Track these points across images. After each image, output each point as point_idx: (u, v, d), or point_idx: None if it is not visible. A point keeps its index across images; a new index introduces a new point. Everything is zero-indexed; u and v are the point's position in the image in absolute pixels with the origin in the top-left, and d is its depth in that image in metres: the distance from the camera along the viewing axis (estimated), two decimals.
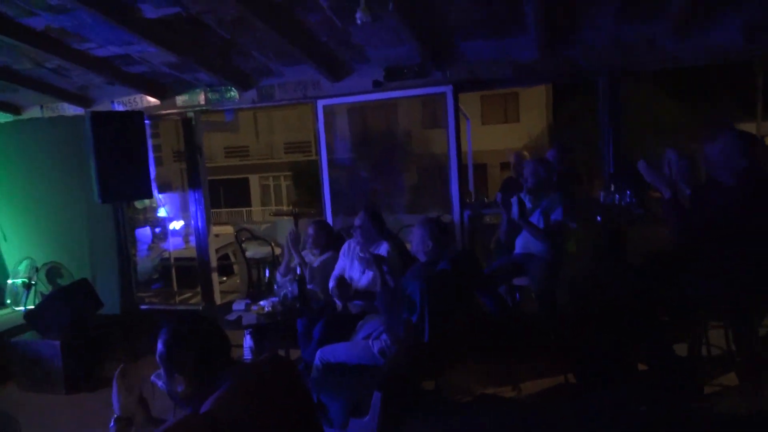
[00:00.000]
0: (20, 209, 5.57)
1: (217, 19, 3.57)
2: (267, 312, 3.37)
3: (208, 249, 5.27)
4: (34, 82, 4.77)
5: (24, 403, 3.99)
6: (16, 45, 3.86)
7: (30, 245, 5.53)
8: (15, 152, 5.52)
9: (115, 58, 4.25)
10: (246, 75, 4.72)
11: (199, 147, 5.24)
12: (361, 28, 3.60)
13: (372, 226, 3.57)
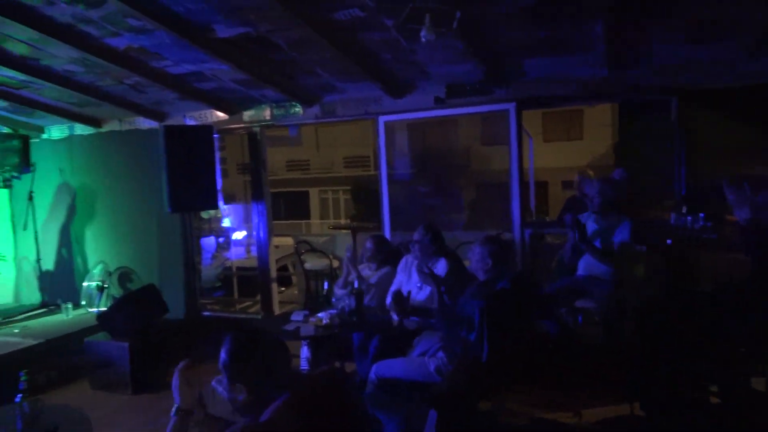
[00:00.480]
0: (98, 216, 5.93)
1: (284, 38, 3.68)
2: (325, 324, 3.40)
3: (269, 259, 5.39)
4: (114, 98, 5.05)
5: (94, 402, 4.15)
6: (101, 63, 4.11)
7: (104, 250, 5.86)
8: (95, 162, 5.90)
9: (189, 75, 4.43)
10: (310, 91, 4.84)
11: (263, 160, 5.39)
12: (424, 46, 3.64)
13: (431, 242, 3.55)
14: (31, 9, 3.30)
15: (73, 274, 6.07)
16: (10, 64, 4.16)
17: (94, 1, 3.20)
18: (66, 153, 6.06)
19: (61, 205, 6.12)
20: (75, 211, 6.05)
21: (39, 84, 4.65)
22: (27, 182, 5.89)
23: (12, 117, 5.75)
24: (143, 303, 4.69)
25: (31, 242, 5.90)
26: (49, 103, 5.28)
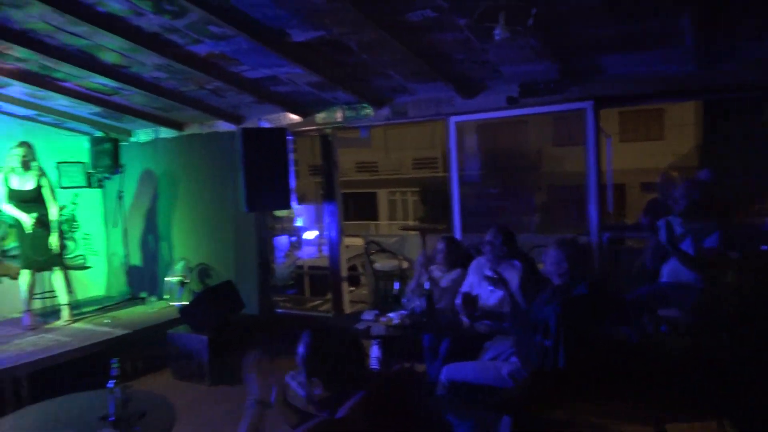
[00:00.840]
0: (179, 215, 6.22)
1: (356, 41, 3.72)
2: (395, 324, 3.41)
3: (340, 259, 5.47)
4: (195, 102, 5.28)
5: (175, 391, 4.35)
6: (184, 70, 4.32)
7: (185, 247, 6.14)
8: (177, 164, 6.20)
9: (265, 79, 4.57)
10: (381, 93, 4.87)
11: (335, 162, 5.48)
12: (497, 45, 3.57)
13: (503, 243, 3.49)
14: (123, 20, 3.51)
15: (157, 269, 6.41)
16: (103, 72, 4.43)
17: (179, 11, 3.36)
18: (151, 155, 6.41)
19: (146, 204, 6.48)
20: (159, 209, 6.40)
21: (128, 90, 4.94)
22: (117, 182, 6.28)
23: (104, 122, 6.14)
24: (221, 299, 4.89)
25: (120, 239, 6.29)
26: (137, 108, 5.60)
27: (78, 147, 6.39)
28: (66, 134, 6.34)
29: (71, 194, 6.40)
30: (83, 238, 6.59)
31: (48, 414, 2.77)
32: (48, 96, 5.16)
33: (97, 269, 6.72)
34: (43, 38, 3.85)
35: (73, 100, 5.20)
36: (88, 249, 6.61)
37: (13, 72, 4.52)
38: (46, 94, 5.06)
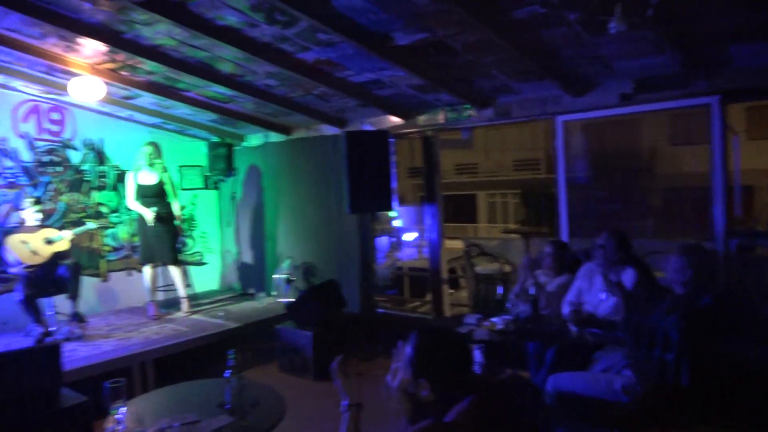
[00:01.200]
0: (287, 215, 6.49)
1: (461, 41, 3.69)
2: (499, 329, 3.34)
3: (440, 261, 5.44)
4: (302, 107, 5.49)
5: (282, 383, 4.46)
6: (293, 77, 4.51)
7: (292, 247, 6.40)
8: (285, 166, 6.47)
9: (369, 83, 4.66)
10: (484, 93, 4.79)
11: (436, 163, 5.47)
12: (610, 40, 3.40)
13: (615, 248, 3.28)
14: (238, 32, 3.73)
15: (265, 266, 6.73)
16: (220, 81, 4.73)
17: (290, 21, 3.52)
18: (261, 158, 6.76)
19: (256, 205, 6.84)
20: (267, 210, 6.72)
21: (242, 98, 5.24)
22: (230, 184, 6.70)
23: (220, 127, 6.57)
24: (325, 297, 5.05)
25: (233, 237, 6.70)
26: (250, 114, 5.93)
27: (197, 151, 6.90)
28: (187, 140, 6.85)
29: (191, 195, 6.92)
30: (200, 236, 7.09)
31: (171, 398, 2.99)
32: (172, 105, 5.60)
33: (212, 265, 7.20)
34: (169, 52, 4.18)
35: (194, 108, 5.61)
36: (204, 246, 7.11)
37: (143, 84, 4.96)
38: (170, 103, 5.50)
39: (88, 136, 6.00)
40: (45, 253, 4.86)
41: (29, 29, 3.85)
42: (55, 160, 5.74)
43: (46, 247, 4.87)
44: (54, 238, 4.93)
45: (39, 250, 4.84)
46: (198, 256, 7.04)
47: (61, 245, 4.94)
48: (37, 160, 5.60)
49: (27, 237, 4.85)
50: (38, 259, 4.82)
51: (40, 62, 4.44)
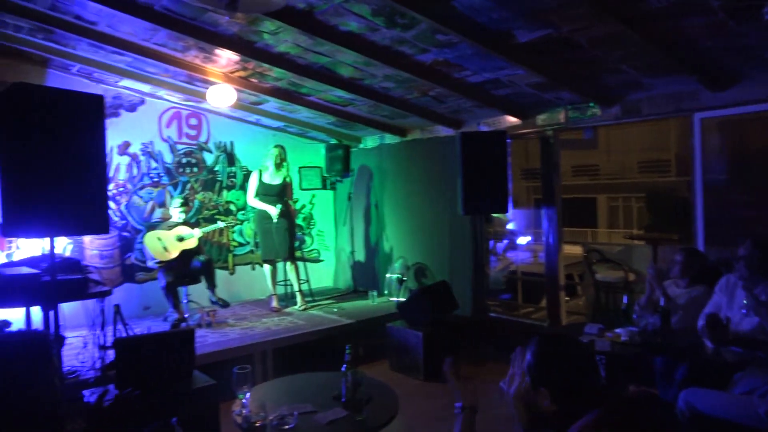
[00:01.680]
0: (400, 215, 6.58)
1: (586, 36, 3.51)
2: (623, 341, 3.13)
3: (558, 267, 5.23)
4: (418, 109, 5.54)
5: (392, 381, 4.51)
6: (410, 79, 4.57)
7: (404, 247, 6.47)
8: (399, 168, 6.56)
9: (486, 83, 4.59)
10: (610, 90, 4.53)
11: (556, 165, 5.26)
12: (759, 28, 3.05)
13: (760, 260, 2.95)
14: (360, 36, 3.85)
15: (377, 265, 6.87)
16: (340, 85, 4.91)
17: (409, 23, 3.56)
18: (376, 160, 6.91)
19: (370, 205, 7.00)
20: (381, 210, 6.85)
21: (360, 101, 5.40)
22: (347, 185, 6.93)
23: (338, 130, 6.81)
24: (436, 298, 5.04)
25: (347, 236, 6.91)
26: (367, 116, 6.09)
27: (316, 153, 7.22)
28: (306, 142, 7.18)
29: (309, 195, 7.24)
30: (317, 234, 7.40)
31: (289, 387, 3.15)
32: (295, 109, 5.91)
33: (327, 263, 7.49)
34: (294, 59, 4.41)
35: (314, 112, 5.87)
36: (321, 244, 7.41)
37: (269, 90, 5.28)
38: (293, 107, 5.80)
39: (220, 139, 6.50)
40: (175, 250, 5.33)
41: (175, 43, 4.26)
42: (192, 161, 6.29)
43: (176, 244, 5.34)
44: (185, 236, 5.39)
45: (170, 247, 5.32)
46: (315, 254, 7.35)
47: (190, 243, 5.39)
48: (177, 161, 6.17)
49: (162, 234, 5.34)
50: (168, 256, 5.32)
51: (182, 73, 4.89)
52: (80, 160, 2.84)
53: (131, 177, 5.85)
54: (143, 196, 5.93)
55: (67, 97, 2.87)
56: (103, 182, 2.98)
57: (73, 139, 2.82)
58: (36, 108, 2.71)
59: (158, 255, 5.31)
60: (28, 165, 2.68)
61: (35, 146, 2.69)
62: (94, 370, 3.88)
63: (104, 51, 4.52)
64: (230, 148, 6.58)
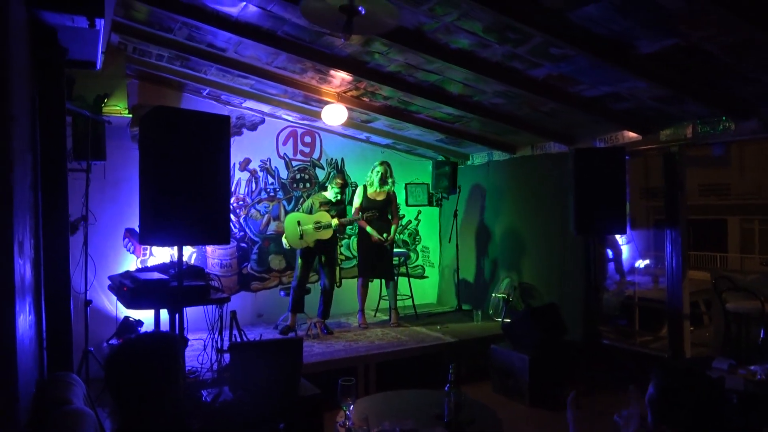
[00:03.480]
0: (507, 233, 6.44)
1: (718, 44, 3.24)
2: (759, 379, 2.80)
3: (682, 294, 4.82)
4: (529, 125, 5.41)
5: (495, 405, 4.36)
6: (521, 94, 4.48)
7: (510, 266, 6.31)
8: (507, 185, 6.44)
9: (604, 97, 4.38)
10: (746, 103, 4.12)
11: (681, 184, 4.87)
12: None
13: None
14: (470, 53, 3.84)
15: (482, 284, 6.75)
16: (449, 102, 4.93)
17: (522, 38, 3.49)
18: (484, 177, 6.83)
19: (476, 222, 6.92)
20: (487, 228, 6.75)
21: (468, 117, 5.39)
22: (453, 202, 6.88)
23: (445, 147, 6.82)
24: (544, 320, 4.83)
25: (453, 253, 6.84)
26: (475, 133, 6.05)
27: (423, 170, 7.28)
28: (414, 159, 7.26)
29: (415, 211, 7.31)
30: (422, 250, 7.42)
31: (391, 402, 3.15)
32: (403, 126, 6.01)
33: (431, 280, 7.48)
34: (405, 77, 4.50)
35: (423, 129, 5.93)
36: (425, 261, 7.42)
37: (380, 108, 5.43)
38: (402, 125, 5.91)
39: (331, 156, 6.76)
40: (310, 239, 5.41)
41: (294, 66, 4.52)
42: (305, 177, 6.57)
43: (313, 232, 5.41)
44: (323, 223, 5.43)
45: (306, 234, 5.40)
46: (419, 270, 7.37)
47: (325, 233, 5.45)
48: (291, 177, 6.48)
49: (302, 218, 5.46)
50: (301, 244, 5.40)
51: (299, 93, 5.17)
52: (208, 176, 3.03)
53: (250, 191, 6.22)
54: (260, 210, 6.29)
55: (198, 118, 3.08)
56: (226, 196, 3.15)
57: (203, 156, 3.02)
58: (172, 128, 2.94)
59: (292, 240, 5.40)
60: (163, 180, 2.91)
61: (170, 163, 2.91)
62: (212, 372, 4.13)
63: (231, 74, 4.90)
64: (341, 164, 6.81)
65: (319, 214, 5.48)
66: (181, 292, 3.24)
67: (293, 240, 5.40)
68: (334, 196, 5.62)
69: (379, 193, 5.83)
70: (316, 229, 5.41)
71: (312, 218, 5.46)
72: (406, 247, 7.28)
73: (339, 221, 5.46)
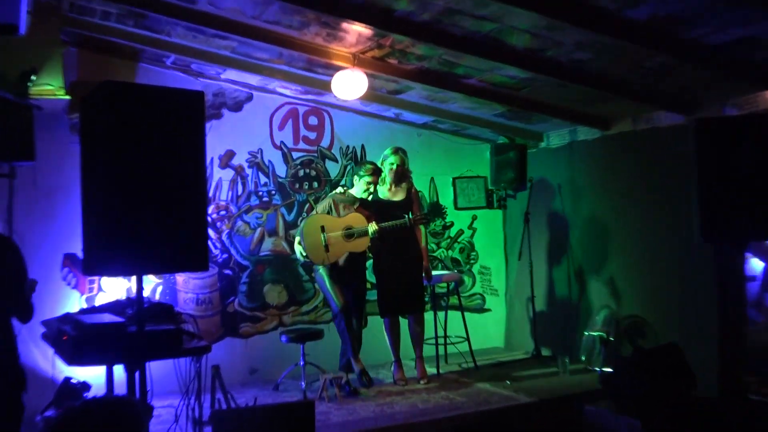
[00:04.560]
0: (602, 245, 6.34)
1: None
2: None
3: None
4: (627, 88, 5.35)
5: None
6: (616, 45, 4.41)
7: (609, 291, 6.23)
8: (599, 175, 6.39)
9: (735, 43, 4.28)
10: None
11: None
12: None
13: None
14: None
15: (570, 318, 6.67)
16: (511, 60, 4.89)
17: None
18: (565, 164, 6.76)
19: (558, 229, 6.84)
20: (574, 237, 6.67)
21: (541, 80, 5.34)
22: (522, 201, 6.84)
23: (509, 124, 6.77)
24: (660, 368, 4.74)
25: (525, 275, 6.79)
26: (549, 103, 6.00)
27: (478, 158, 7.33)
28: (463, 143, 7.28)
29: (467, 217, 7.30)
30: (480, 273, 7.40)
31: None
32: (447, 98, 6.03)
33: (495, 313, 7.45)
34: (447, 28, 4.48)
35: (474, 101, 5.93)
36: (485, 287, 7.39)
37: (413, 73, 5.43)
38: (445, 95, 5.92)
39: (347, 143, 6.80)
40: (339, 251, 5.35)
41: (290, 18, 4.55)
42: (311, 174, 6.62)
43: (342, 241, 5.36)
44: (356, 230, 5.34)
45: (334, 244, 5.31)
46: (477, 301, 7.34)
47: (359, 244, 5.40)
48: (292, 174, 6.55)
49: (329, 222, 5.36)
50: (326, 259, 5.30)
51: (299, 57, 5.22)
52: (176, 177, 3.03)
53: (235, 196, 6.30)
54: (250, 222, 6.34)
55: (161, 96, 3.09)
56: (201, 205, 3.16)
57: (166, 149, 3.01)
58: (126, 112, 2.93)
59: (314, 255, 5.33)
60: (114, 185, 2.89)
61: (124, 160, 2.90)
62: None
63: (204, 35, 4.96)
64: (360, 154, 6.84)
65: (351, 217, 5.43)
66: (143, 339, 3.24)
67: (315, 253, 5.31)
68: (364, 191, 5.62)
69: (396, 191, 5.81)
70: (347, 237, 5.35)
71: (340, 222, 5.42)
72: (456, 268, 7.24)
73: (378, 226, 5.39)
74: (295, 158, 6.60)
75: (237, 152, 6.32)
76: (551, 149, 6.97)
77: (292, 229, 6.43)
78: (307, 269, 6.35)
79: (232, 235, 6.27)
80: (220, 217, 6.23)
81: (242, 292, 6.28)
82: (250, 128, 6.37)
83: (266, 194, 6.44)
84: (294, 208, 6.55)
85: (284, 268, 6.46)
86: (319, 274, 5.62)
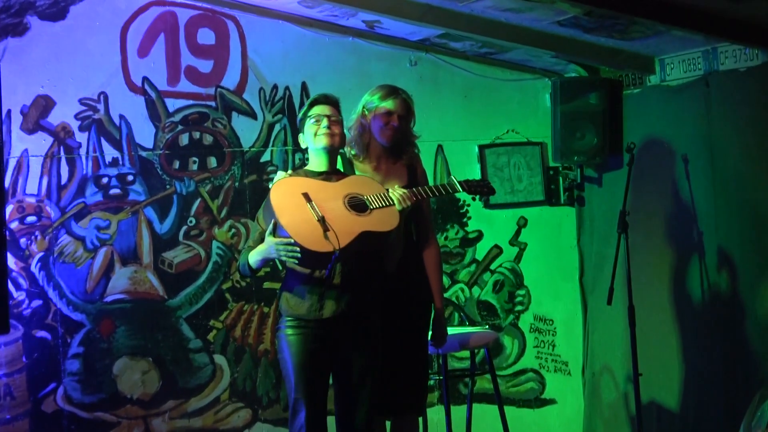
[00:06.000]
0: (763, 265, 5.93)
1: None
2: None
3: None
4: None
5: None
6: None
7: None
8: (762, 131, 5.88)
9: None
10: None
11: None
12: None
13: None
14: None
15: (708, 408, 6.26)
16: None
17: None
18: (698, 117, 6.24)
19: (684, 240, 6.39)
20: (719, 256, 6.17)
21: None
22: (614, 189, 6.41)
23: (587, 40, 6.30)
24: None
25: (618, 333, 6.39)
26: None
27: (526, 109, 7.25)
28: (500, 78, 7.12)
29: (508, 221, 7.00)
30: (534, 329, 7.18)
31: None
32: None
33: (564, 406, 7.29)
34: None
35: None
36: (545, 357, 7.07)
37: None
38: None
39: (275, 79, 6.54)
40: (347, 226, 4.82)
41: None
42: (204, 141, 6.33)
43: (348, 214, 4.82)
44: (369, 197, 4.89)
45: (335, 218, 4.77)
46: (529, 384, 7.14)
47: (381, 220, 4.89)
48: (168, 141, 6.29)
49: (313, 187, 4.86)
50: (323, 244, 4.71)
51: None
52: None
53: (56, 186, 6.03)
54: (86, 237, 6.06)
55: None
56: None
57: None
58: None
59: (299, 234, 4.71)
60: None
61: None
62: None
63: None
64: (300, 101, 6.50)
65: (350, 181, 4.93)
66: None
67: (306, 234, 4.71)
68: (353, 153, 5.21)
69: (387, 168, 5.25)
70: (356, 209, 4.79)
71: (335, 188, 4.89)
72: (488, 321, 6.89)
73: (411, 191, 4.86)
74: (172, 111, 6.21)
75: (58, 101, 6.04)
76: (670, 89, 6.47)
77: (167, 248, 6.02)
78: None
79: (50, 263, 5.94)
80: (28, 228, 5.92)
81: (72, 374, 5.93)
82: (82, 53, 6.12)
83: (117, 181, 5.98)
84: (172, 208, 6.03)
85: (154, 325, 6.23)
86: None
